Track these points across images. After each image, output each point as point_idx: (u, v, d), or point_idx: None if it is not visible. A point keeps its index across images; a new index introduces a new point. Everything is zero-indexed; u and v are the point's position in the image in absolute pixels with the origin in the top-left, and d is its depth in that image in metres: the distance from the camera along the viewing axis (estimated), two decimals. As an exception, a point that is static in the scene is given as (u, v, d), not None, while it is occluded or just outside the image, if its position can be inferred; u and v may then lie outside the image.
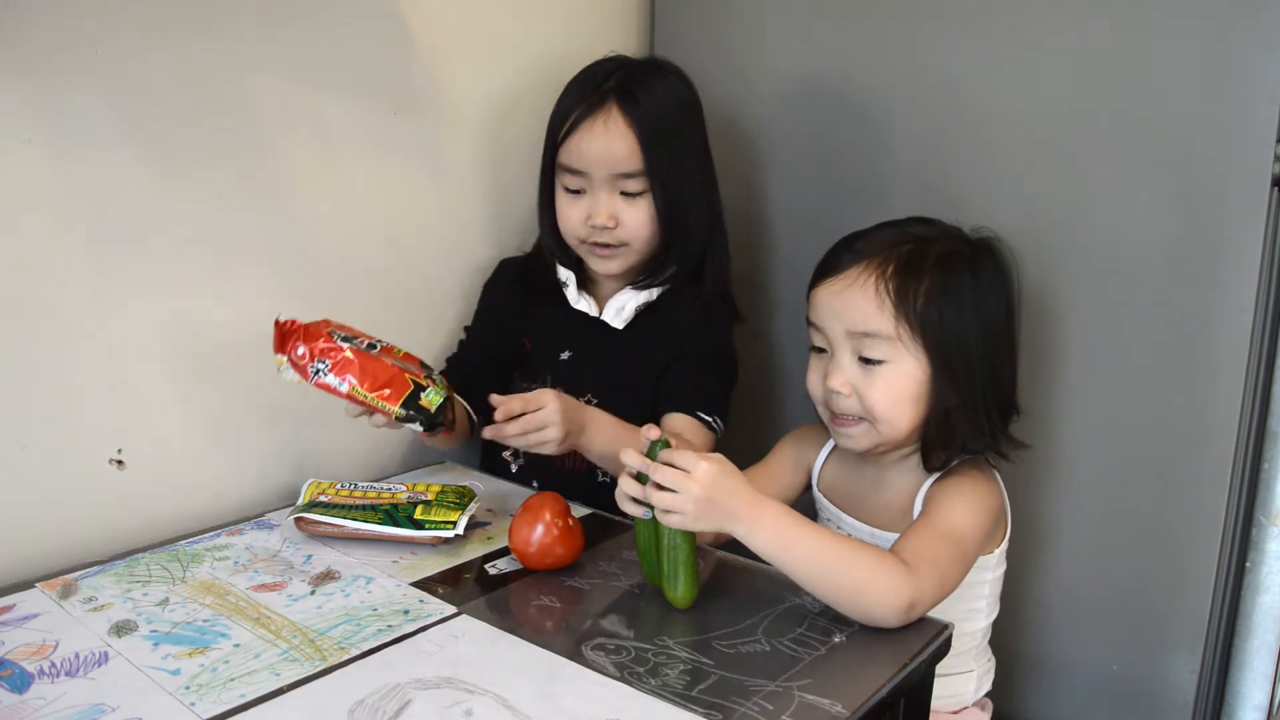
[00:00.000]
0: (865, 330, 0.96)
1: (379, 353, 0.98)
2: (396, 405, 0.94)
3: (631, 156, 1.14)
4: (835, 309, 0.98)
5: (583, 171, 1.16)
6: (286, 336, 0.95)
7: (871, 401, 0.96)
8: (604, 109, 1.14)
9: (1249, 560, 1.08)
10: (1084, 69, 1.09)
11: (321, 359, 0.93)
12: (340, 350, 0.94)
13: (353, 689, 0.76)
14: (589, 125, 1.14)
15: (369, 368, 0.95)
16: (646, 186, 1.15)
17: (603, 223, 1.16)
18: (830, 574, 0.85)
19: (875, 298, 0.95)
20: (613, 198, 1.16)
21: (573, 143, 1.15)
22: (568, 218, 1.19)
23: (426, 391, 0.96)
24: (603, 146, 1.14)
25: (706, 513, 0.84)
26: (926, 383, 0.96)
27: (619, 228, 1.16)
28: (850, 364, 0.98)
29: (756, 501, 0.86)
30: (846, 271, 0.98)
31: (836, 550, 0.86)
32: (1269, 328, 1.05)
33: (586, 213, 1.17)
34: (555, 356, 1.23)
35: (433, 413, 0.96)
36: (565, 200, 1.19)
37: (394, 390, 0.95)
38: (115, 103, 0.97)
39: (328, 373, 0.93)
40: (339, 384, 0.93)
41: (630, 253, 1.18)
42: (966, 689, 1.07)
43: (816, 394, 1.02)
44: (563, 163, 1.17)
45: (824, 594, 0.86)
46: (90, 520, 1.01)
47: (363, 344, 0.97)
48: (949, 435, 0.98)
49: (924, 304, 0.94)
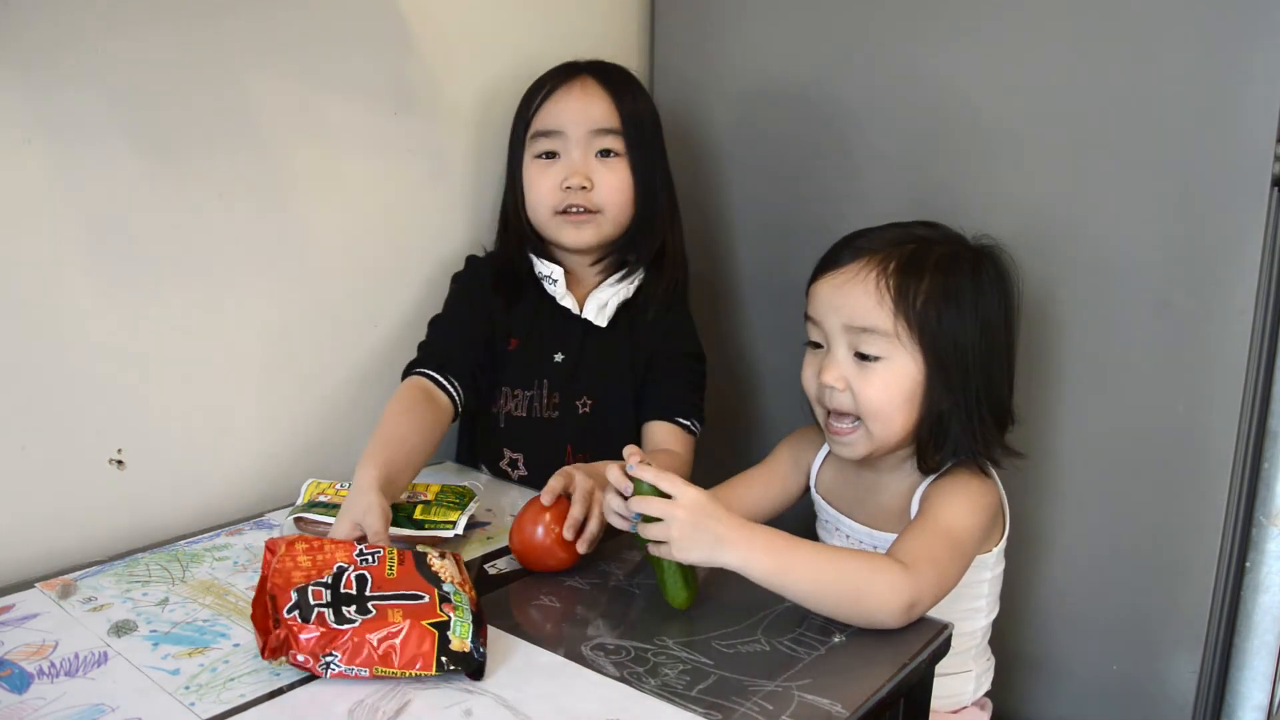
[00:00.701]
0: (863, 325, 0.96)
1: (373, 575, 0.82)
2: (432, 670, 0.76)
3: (608, 114, 1.16)
4: (834, 303, 0.98)
5: (557, 131, 1.16)
6: (280, 649, 0.77)
7: (866, 398, 0.96)
8: (579, 78, 1.18)
9: (1249, 560, 1.08)
10: (1083, 69, 1.09)
11: (329, 651, 0.76)
12: (340, 634, 0.76)
13: (352, 689, 0.76)
14: (565, 89, 1.17)
15: (381, 639, 0.77)
16: (623, 149, 1.17)
17: (578, 182, 1.15)
18: (829, 588, 0.85)
19: (875, 293, 0.95)
20: (588, 158, 1.17)
21: (547, 106, 1.17)
22: (540, 187, 1.18)
23: (451, 627, 0.78)
24: (580, 104, 1.16)
25: (694, 539, 0.84)
26: (921, 383, 0.96)
27: (594, 190, 1.16)
28: (846, 359, 0.98)
29: (744, 525, 0.86)
30: (847, 266, 0.98)
31: (832, 562, 0.86)
32: (1269, 328, 1.05)
33: (560, 177, 1.16)
34: (548, 358, 1.22)
35: (469, 654, 0.77)
36: (537, 171, 1.18)
37: (421, 653, 0.76)
38: (115, 104, 0.97)
39: (341, 663, 0.76)
40: (363, 672, 0.76)
41: (604, 221, 1.18)
42: (965, 689, 1.07)
43: (811, 390, 1.02)
44: (537, 129, 1.18)
45: (826, 608, 0.86)
46: (90, 520, 1.01)
47: (351, 607, 0.78)
48: (942, 438, 0.98)
49: (923, 303, 0.94)
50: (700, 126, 1.43)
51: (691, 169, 1.42)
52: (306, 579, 0.81)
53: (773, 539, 0.86)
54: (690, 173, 1.42)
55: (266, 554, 0.85)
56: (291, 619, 0.76)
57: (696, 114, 1.43)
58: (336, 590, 0.80)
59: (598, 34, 1.23)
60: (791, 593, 0.85)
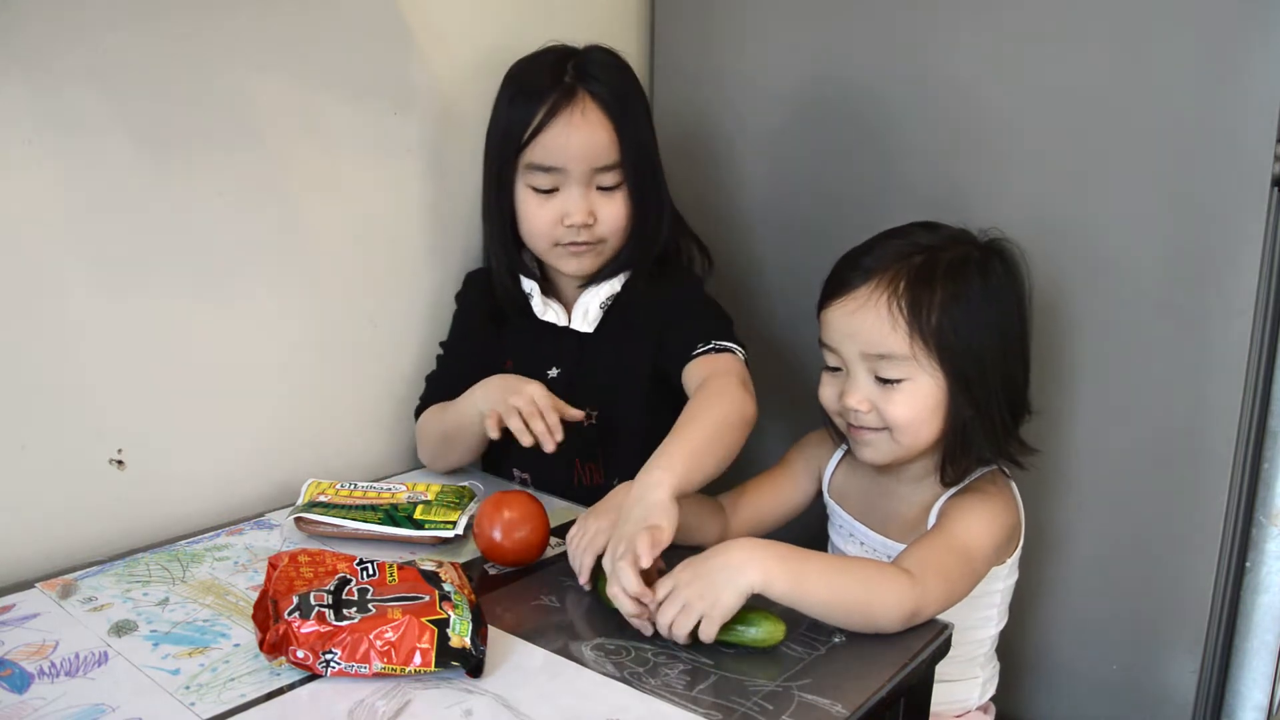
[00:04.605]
0: (880, 352, 0.95)
1: (374, 586, 0.82)
2: (432, 667, 0.76)
3: (610, 148, 1.10)
4: (848, 331, 0.97)
5: (557, 168, 1.10)
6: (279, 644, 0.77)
7: (892, 416, 0.96)
8: (575, 100, 1.10)
9: (1249, 560, 1.08)
10: (1083, 69, 1.09)
11: (328, 648, 0.76)
12: (339, 631, 0.76)
13: (352, 689, 0.76)
14: (565, 119, 1.09)
15: (381, 634, 0.76)
16: (622, 179, 1.13)
17: (581, 220, 1.11)
18: (841, 599, 0.83)
19: (889, 318, 0.94)
20: (588, 193, 1.12)
21: (545, 139, 1.10)
22: (538, 220, 1.13)
23: (451, 624, 0.78)
24: (583, 138, 1.09)
25: (712, 583, 0.80)
26: (944, 398, 0.96)
27: (597, 224, 1.12)
28: (867, 383, 0.97)
29: (748, 545, 0.83)
30: (857, 291, 0.97)
31: (839, 570, 0.86)
32: (1269, 328, 1.05)
33: (560, 213, 1.12)
34: (542, 376, 1.17)
35: (468, 651, 0.77)
36: (534, 203, 1.13)
37: (421, 650, 0.76)
38: (115, 103, 0.97)
39: (341, 660, 0.76)
40: (363, 669, 0.76)
41: (605, 249, 1.15)
42: (971, 695, 1.07)
43: (831, 408, 1.02)
44: (533, 162, 1.11)
45: (837, 618, 0.85)
46: (90, 520, 1.01)
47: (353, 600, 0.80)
48: (966, 446, 0.97)
49: (938, 319, 0.94)
50: (701, 124, 1.43)
51: (693, 167, 1.42)
52: (308, 587, 0.81)
53: (788, 552, 0.84)
54: (691, 171, 1.42)
55: (269, 569, 0.85)
56: (292, 619, 0.76)
57: (697, 111, 1.42)
58: (339, 596, 0.80)
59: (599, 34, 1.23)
60: (808, 605, 0.83)
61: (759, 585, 0.81)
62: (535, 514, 0.97)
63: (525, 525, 0.95)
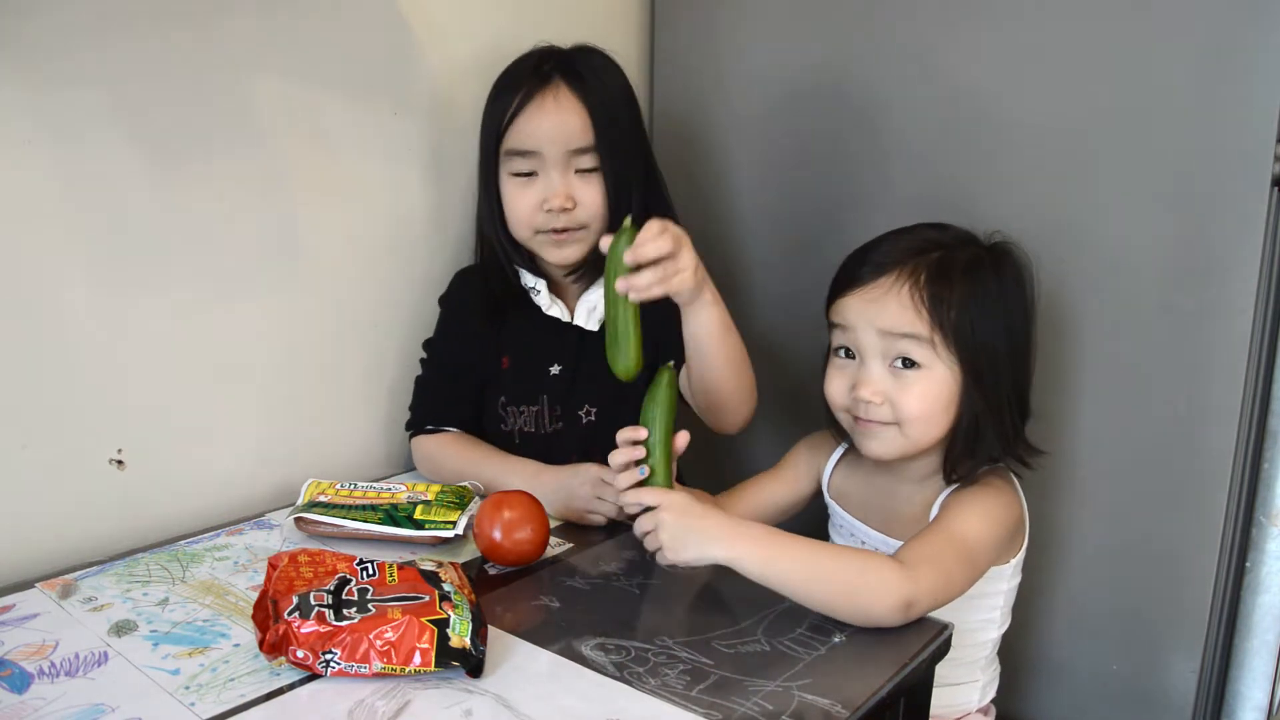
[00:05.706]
0: (904, 331, 0.95)
1: (374, 586, 0.82)
2: (431, 666, 0.76)
3: (585, 130, 1.11)
4: (869, 314, 0.97)
5: (534, 151, 1.12)
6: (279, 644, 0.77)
7: (905, 407, 0.96)
8: (550, 87, 1.12)
9: (1249, 560, 1.08)
10: (1083, 69, 1.09)
11: (328, 648, 0.76)
12: (339, 631, 0.76)
13: (352, 689, 0.76)
14: (538, 103, 1.11)
15: (381, 634, 0.76)
16: (598, 163, 1.13)
17: (560, 204, 1.11)
18: (820, 580, 0.85)
19: (912, 305, 0.94)
20: (567, 177, 1.12)
21: (520, 124, 1.12)
22: (519, 207, 1.14)
23: (450, 624, 0.78)
24: (555, 121, 1.10)
25: (683, 538, 0.86)
26: (957, 391, 0.96)
27: (577, 208, 1.12)
28: (882, 372, 0.97)
29: (734, 522, 0.88)
30: (878, 281, 0.97)
31: (823, 555, 0.87)
32: (1269, 328, 1.05)
33: (540, 198, 1.13)
34: (544, 372, 1.19)
35: (468, 651, 0.77)
36: (514, 189, 1.14)
37: (420, 649, 0.76)
38: (115, 104, 0.97)
39: (341, 660, 0.76)
40: (363, 669, 0.76)
41: (589, 235, 1.14)
42: (972, 698, 1.07)
43: (838, 401, 1.01)
44: (511, 148, 1.13)
45: (819, 602, 0.86)
46: (90, 520, 1.01)
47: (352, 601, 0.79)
48: (975, 444, 0.98)
49: (956, 315, 0.94)
50: (701, 125, 1.43)
51: (692, 167, 1.42)
52: (308, 587, 0.81)
53: (761, 532, 0.87)
54: (691, 171, 1.42)
55: (269, 569, 0.85)
56: (292, 619, 0.76)
57: (697, 111, 1.43)
58: (339, 596, 0.80)
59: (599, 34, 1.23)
60: (782, 584, 0.86)
61: (724, 561, 0.86)
62: (535, 514, 0.97)
63: (525, 525, 0.96)
